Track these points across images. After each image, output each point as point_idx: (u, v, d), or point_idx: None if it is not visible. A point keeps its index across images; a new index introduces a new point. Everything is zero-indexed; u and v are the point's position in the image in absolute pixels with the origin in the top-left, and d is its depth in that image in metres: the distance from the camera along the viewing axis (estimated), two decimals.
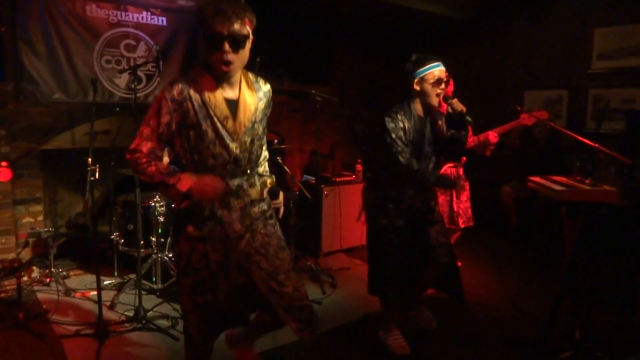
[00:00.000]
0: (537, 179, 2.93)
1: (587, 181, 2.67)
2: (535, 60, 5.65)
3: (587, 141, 2.68)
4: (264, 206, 2.20)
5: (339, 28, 5.92)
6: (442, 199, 4.03)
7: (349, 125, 6.26)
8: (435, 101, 2.76)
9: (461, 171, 4.12)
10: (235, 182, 2.07)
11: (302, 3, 5.11)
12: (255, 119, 2.08)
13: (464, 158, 4.06)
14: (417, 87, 2.79)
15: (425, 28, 6.22)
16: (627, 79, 4.92)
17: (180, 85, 1.94)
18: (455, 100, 2.80)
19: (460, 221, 4.09)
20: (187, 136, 1.98)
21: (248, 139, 2.06)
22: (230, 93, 2.03)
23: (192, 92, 1.95)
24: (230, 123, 2.00)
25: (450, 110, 2.79)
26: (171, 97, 1.93)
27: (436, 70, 2.75)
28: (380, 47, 6.45)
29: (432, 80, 2.74)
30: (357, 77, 6.38)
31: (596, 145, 2.67)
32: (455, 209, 4.08)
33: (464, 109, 2.76)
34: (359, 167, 5.14)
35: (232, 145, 2.01)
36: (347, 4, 4.75)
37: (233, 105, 2.02)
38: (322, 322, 3.32)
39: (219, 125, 1.98)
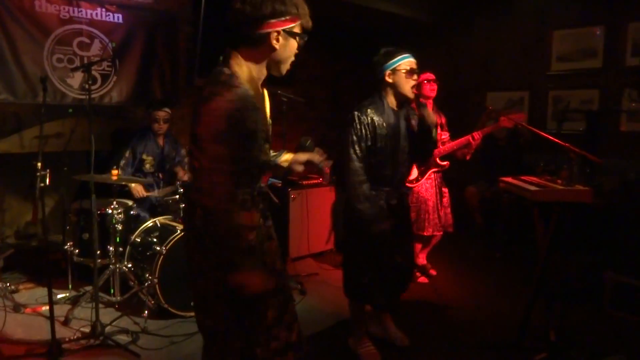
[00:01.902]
0: (509, 179, 2.91)
1: (559, 181, 2.67)
2: (497, 62, 5.73)
3: (559, 141, 2.68)
4: None
5: None
6: (432, 204, 4.01)
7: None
8: (410, 92, 2.68)
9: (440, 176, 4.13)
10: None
11: None
12: None
13: (447, 163, 4.04)
14: (389, 80, 2.70)
15: (387, 29, 6.20)
16: (585, 80, 5.05)
17: None
18: (430, 112, 2.77)
19: (442, 226, 4.08)
20: None
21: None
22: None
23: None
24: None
25: (422, 118, 2.74)
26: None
27: (407, 60, 2.68)
28: (343, 49, 6.41)
29: (404, 71, 2.66)
30: (321, 79, 6.31)
31: (567, 144, 2.67)
32: (441, 214, 4.06)
33: (435, 123, 2.75)
34: (327, 170, 5.05)
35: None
36: (308, 3, 4.68)
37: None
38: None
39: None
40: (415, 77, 2.68)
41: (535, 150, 4.49)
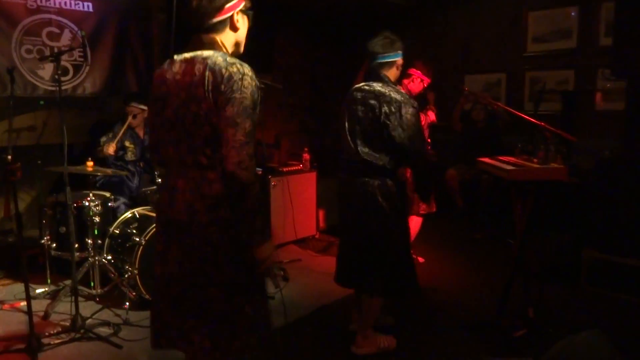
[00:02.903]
0: (486, 159, 2.94)
1: (535, 160, 2.70)
2: (473, 45, 5.75)
3: (534, 120, 2.71)
4: None
5: (279, 14, 5.76)
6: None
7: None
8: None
9: None
10: None
11: None
12: None
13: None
14: (398, 71, 2.75)
15: (365, 13, 6.17)
16: (560, 61, 5.10)
17: None
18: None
19: (423, 207, 4.09)
20: None
21: None
22: None
23: None
24: None
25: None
26: None
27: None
28: (322, 34, 6.36)
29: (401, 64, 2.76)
30: (299, 65, 6.26)
31: (542, 123, 2.70)
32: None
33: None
34: (306, 156, 5.04)
35: None
36: None
37: None
38: (276, 317, 3.23)
39: None
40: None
41: (514, 131, 4.53)
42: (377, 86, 2.61)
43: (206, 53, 1.75)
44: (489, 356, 2.72)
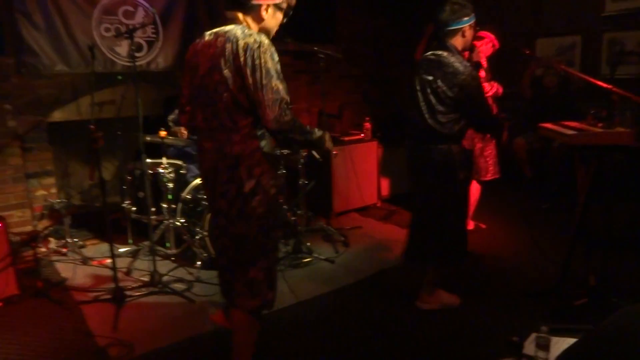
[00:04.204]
0: (548, 125, 2.86)
1: (600, 124, 2.59)
2: (545, 6, 5.43)
3: (599, 82, 2.59)
4: None
5: None
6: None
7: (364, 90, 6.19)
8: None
9: None
10: None
11: None
12: None
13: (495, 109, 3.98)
14: (465, 36, 2.69)
15: None
16: None
17: None
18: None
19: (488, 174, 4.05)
20: None
21: None
22: None
23: None
24: None
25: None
26: None
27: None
28: (385, 2, 6.26)
29: (472, 28, 2.71)
30: (363, 35, 6.22)
31: (609, 86, 2.57)
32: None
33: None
34: (367, 125, 5.08)
35: None
36: None
37: None
38: (336, 280, 3.38)
39: None
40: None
41: (590, 98, 4.29)
42: (443, 55, 2.63)
43: (228, 27, 1.95)
44: (548, 323, 2.70)
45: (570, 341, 1.92)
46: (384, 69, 6.41)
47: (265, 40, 1.89)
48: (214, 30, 2.01)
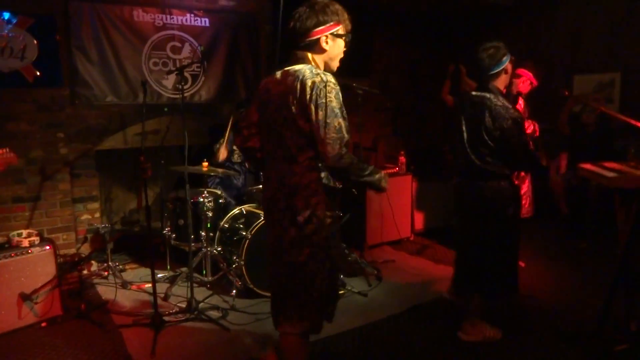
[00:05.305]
0: (587, 166, 2.84)
1: None
2: (584, 42, 5.42)
3: (636, 122, 2.57)
4: None
5: (377, 18, 5.88)
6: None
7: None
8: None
9: None
10: None
11: None
12: None
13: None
14: (505, 75, 2.80)
15: (466, 13, 6.09)
16: None
17: None
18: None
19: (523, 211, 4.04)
20: None
21: None
22: None
23: None
24: None
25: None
26: None
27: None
28: (420, 36, 6.37)
29: (510, 66, 2.82)
30: (398, 67, 6.33)
31: None
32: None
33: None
34: (402, 159, 5.12)
35: None
36: None
37: None
38: (370, 313, 3.38)
39: None
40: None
41: (629, 134, 4.23)
42: (487, 97, 2.72)
43: (298, 67, 2.09)
44: None
45: None
46: (418, 102, 6.47)
47: (332, 80, 2.01)
48: (285, 68, 2.14)
